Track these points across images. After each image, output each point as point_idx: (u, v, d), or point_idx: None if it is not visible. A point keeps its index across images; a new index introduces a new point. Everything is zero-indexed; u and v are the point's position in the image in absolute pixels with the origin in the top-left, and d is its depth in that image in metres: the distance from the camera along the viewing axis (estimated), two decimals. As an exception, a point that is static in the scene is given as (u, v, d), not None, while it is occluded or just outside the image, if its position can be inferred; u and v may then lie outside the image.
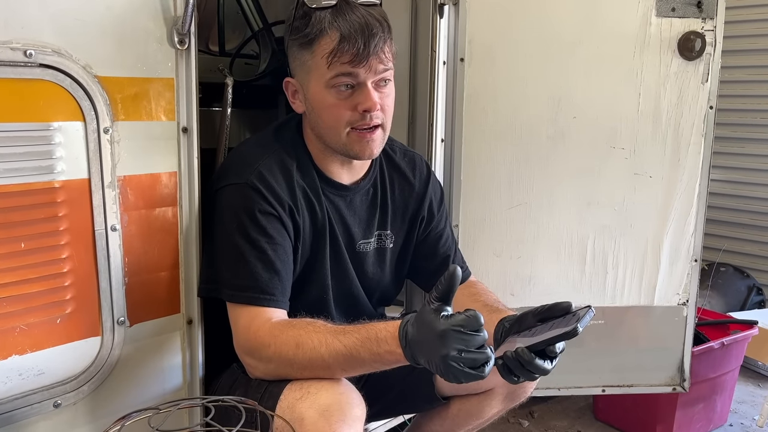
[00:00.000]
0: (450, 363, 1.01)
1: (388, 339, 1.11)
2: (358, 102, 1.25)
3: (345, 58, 1.21)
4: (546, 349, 1.11)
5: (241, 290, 1.23)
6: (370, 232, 1.46)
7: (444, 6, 1.77)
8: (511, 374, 1.11)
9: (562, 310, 1.17)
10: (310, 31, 1.22)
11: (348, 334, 1.14)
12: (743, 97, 3.19)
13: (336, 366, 1.15)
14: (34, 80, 1.07)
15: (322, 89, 1.26)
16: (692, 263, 1.97)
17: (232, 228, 1.25)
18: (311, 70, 1.26)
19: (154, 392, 1.31)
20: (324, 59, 1.22)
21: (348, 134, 1.28)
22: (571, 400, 2.50)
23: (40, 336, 1.13)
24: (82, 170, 1.15)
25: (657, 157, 1.90)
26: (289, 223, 1.29)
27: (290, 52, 1.30)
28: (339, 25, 1.21)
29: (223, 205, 1.28)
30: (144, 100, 1.21)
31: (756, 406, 2.54)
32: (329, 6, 1.22)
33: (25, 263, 1.10)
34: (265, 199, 1.25)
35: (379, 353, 1.11)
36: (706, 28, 1.84)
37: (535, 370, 1.09)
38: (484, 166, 1.86)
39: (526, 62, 1.83)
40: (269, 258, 1.25)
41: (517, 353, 1.09)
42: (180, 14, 1.22)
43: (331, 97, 1.25)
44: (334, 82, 1.24)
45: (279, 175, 1.29)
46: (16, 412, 1.12)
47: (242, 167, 1.29)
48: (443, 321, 1.02)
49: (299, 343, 1.16)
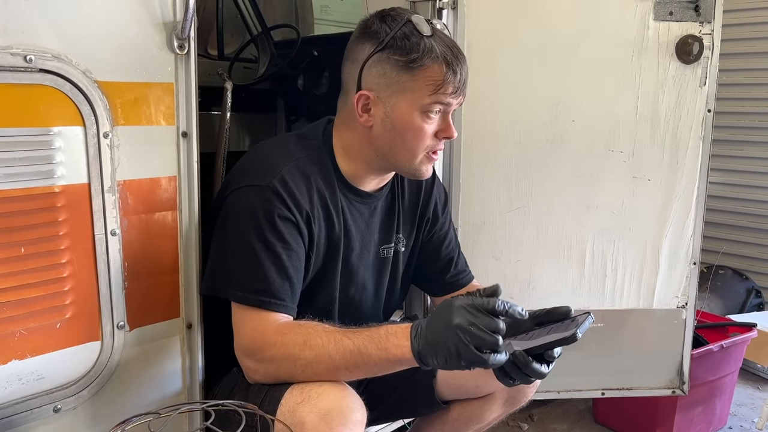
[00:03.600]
0: (457, 333, 1.04)
1: (398, 333, 1.14)
2: (441, 129, 1.30)
3: (449, 89, 1.25)
4: (544, 354, 1.11)
5: (252, 293, 1.22)
6: (390, 236, 1.47)
7: (443, 10, 1.78)
8: (507, 377, 1.12)
9: (561, 314, 1.18)
10: (419, 57, 1.23)
11: (358, 333, 1.16)
12: (742, 100, 3.20)
13: (342, 364, 1.15)
14: (34, 85, 1.07)
15: (413, 112, 1.27)
16: (691, 266, 1.97)
17: (248, 229, 1.24)
18: (406, 91, 1.26)
19: (154, 396, 1.31)
20: (429, 86, 1.24)
21: (422, 158, 1.32)
22: (570, 403, 2.50)
23: (39, 341, 1.13)
24: (81, 175, 1.15)
25: (655, 160, 1.90)
26: (306, 232, 1.28)
27: (376, 67, 1.26)
28: (447, 57, 1.24)
29: (241, 205, 1.26)
30: (144, 104, 1.21)
31: (755, 408, 2.54)
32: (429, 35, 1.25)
33: (24, 268, 1.10)
34: (285, 205, 1.24)
35: (386, 347, 1.13)
36: (704, 32, 1.84)
37: (532, 374, 1.10)
38: (483, 169, 1.86)
39: (524, 66, 1.83)
40: (283, 263, 1.24)
41: (514, 356, 1.10)
42: (180, 19, 1.22)
43: (422, 122, 1.27)
44: (430, 108, 1.27)
45: (301, 183, 1.28)
46: (16, 417, 1.12)
47: (265, 170, 1.27)
48: (464, 298, 1.09)
49: (307, 340, 1.16)
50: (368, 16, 1.30)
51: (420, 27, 1.24)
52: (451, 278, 1.56)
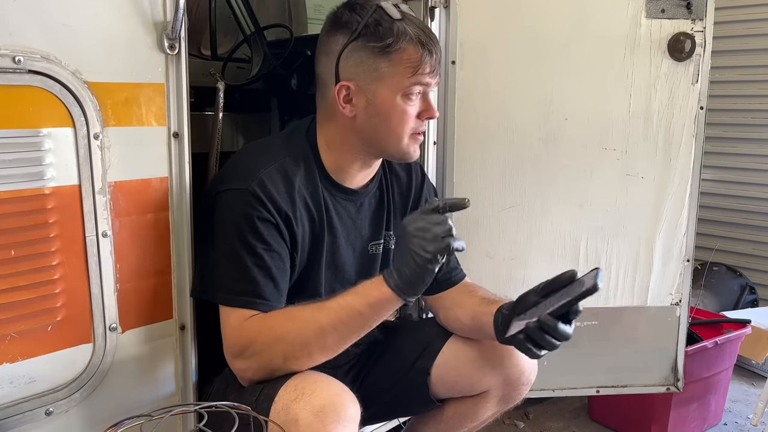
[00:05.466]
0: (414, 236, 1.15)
1: (372, 280, 1.21)
2: (423, 109, 1.32)
3: (427, 69, 1.27)
4: (568, 312, 1.16)
5: (236, 294, 1.23)
6: (379, 233, 1.48)
7: (435, 9, 1.78)
8: (536, 346, 1.18)
9: (568, 279, 1.20)
10: (394, 40, 1.25)
11: (335, 297, 1.22)
12: (734, 97, 3.21)
13: (328, 324, 1.19)
14: (23, 86, 1.06)
15: (395, 96, 1.28)
16: (685, 263, 1.97)
17: (230, 232, 1.25)
18: (386, 77, 1.27)
19: (147, 398, 1.30)
20: (407, 69, 1.26)
21: (408, 139, 1.34)
22: (566, 401, 2.50)
23: (31, 343, 1.13)
24: (72, 176, 1.14)
25: (648, 158, 1.90)
26: (286, 233, 1.29)
27: (352, 56, 1.27)
28: (420, 38, 1.26)
29: (224, 208, 1.28)
30: (134, 105, 1.20)
31: (750, 404, 2.55)
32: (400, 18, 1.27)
33: (15, 270, 1.09)
34: (265, 207, 1.25)
35: (365, 293, 1.20)
36: (696, 29, 1.85)
37: (560, 336, 1.16)
38: (476, 168, 1.86)
39: (517, 64, 1.83)
40: (266, 264, 1.25)
41: (540, 321, 1.15)
42: (170, 19, 1.21)
43: (405, 105, 1.29)
44: (411, 90, 1.28)
45: (280, 184, 1.29)
46: (8, 421, 1.11)
47: (245, 173, 1.29)
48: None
49: (289, 315, 1.22)
50: (336, 8, 1.31)
51: (390, 12, 1.27)
52: (443, 276, 1.56)
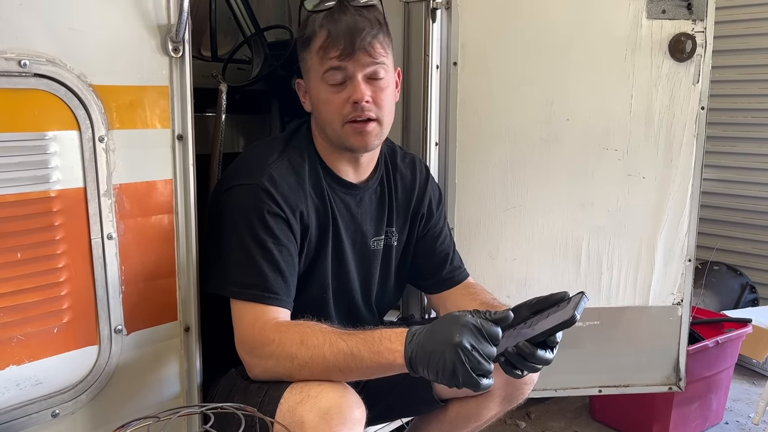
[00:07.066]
0: (458, 352, 1.04)
1: (392, 337, 1.14)
2: (350, 95, 1.31)
3: (333, 53, 1.29)
4: (546, 340, 1.13)
5: (246, 287, 1.25)
6: (381, 229, 1.49)
7: (436, 10, 1.78)
8: (515, 369, 1.13)
9: (558, 300, 1.19)
10: (307, 32, 1.33)
11: (353, 335, 1.18)
12: (735, 97, 3.22)
13: (335, 366, 1.16)
14: (28, 90, 1.07)
15: (318, 84, 1.33)
16: (686, 263, 1.98)
17: (240, 227, 1.28)
18: (310, 69, 1.34)
19: (153, 400, 1.30)
20: (318, 55, 1.31)
21: (343, 127, 1.33)
22: (567, 401, 2.51)
23: (37, 346, 1.13)
24: (77, 179, 1.14)
25: (650, 158, 1.91)
26: (296, 226, 1.32)
27: (299, 56, 1.38)
28: (328, 25, 1.29)
29: (233, 203, 1.30)
30: (139, 108, 1.21)
31: (751, 403, 2.56)
32: (324, 9, 1.30)
33: (21, 273, 1.10)
34: (274, 201, 1.28)
35: (379, 351, 1.14)
36: (697, 30, 1.85)
37: (538, 362, 1.12)
38: (478, 168, 1.87)
39: (518, 65, 1.83)
40: (275, 258, 1.27)
41: (518, 348, 1.11)
42: (174, 22, 1.22)
43: (325, 91, 1.32)
44: (327, 76, 1.31)
45: (290, 178, 1.33)
46: (14, 423, 1.11)
47: (254, 168, 1.32)
48: (472, 317, 1.09)
49: (303, 339, 1.18)
50: None
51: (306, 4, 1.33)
52: (447, 275, 1.57)
